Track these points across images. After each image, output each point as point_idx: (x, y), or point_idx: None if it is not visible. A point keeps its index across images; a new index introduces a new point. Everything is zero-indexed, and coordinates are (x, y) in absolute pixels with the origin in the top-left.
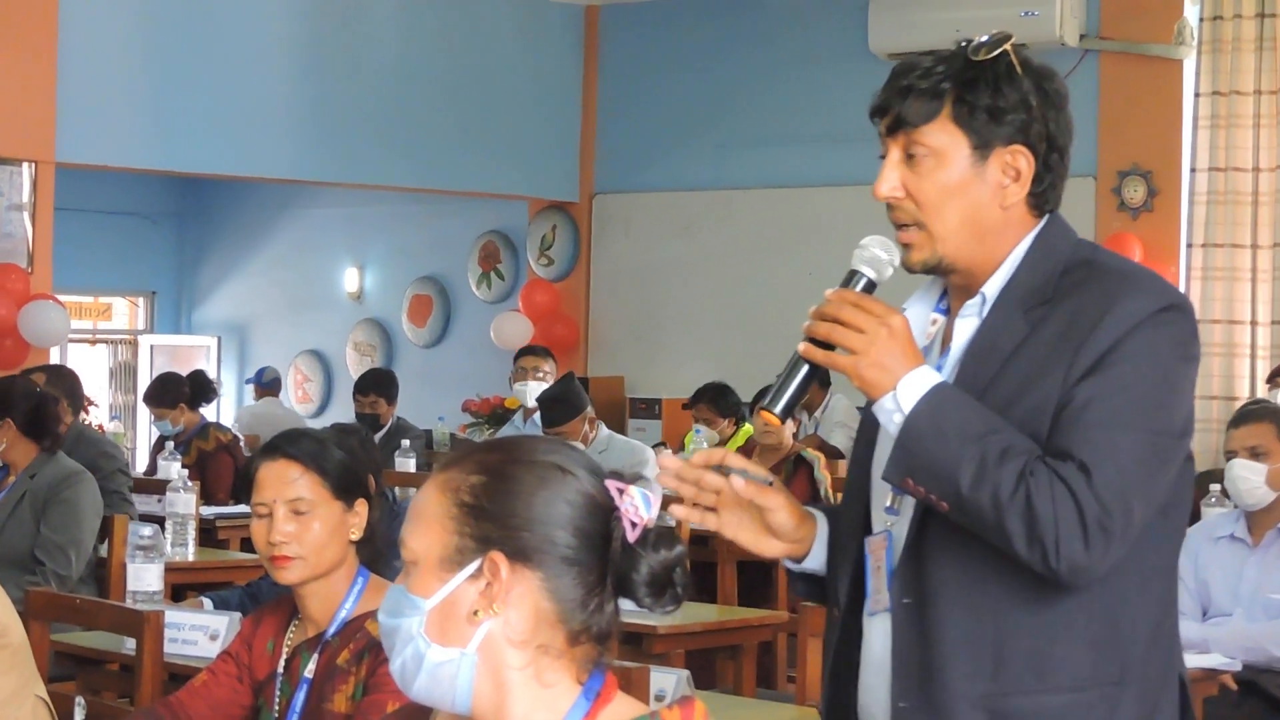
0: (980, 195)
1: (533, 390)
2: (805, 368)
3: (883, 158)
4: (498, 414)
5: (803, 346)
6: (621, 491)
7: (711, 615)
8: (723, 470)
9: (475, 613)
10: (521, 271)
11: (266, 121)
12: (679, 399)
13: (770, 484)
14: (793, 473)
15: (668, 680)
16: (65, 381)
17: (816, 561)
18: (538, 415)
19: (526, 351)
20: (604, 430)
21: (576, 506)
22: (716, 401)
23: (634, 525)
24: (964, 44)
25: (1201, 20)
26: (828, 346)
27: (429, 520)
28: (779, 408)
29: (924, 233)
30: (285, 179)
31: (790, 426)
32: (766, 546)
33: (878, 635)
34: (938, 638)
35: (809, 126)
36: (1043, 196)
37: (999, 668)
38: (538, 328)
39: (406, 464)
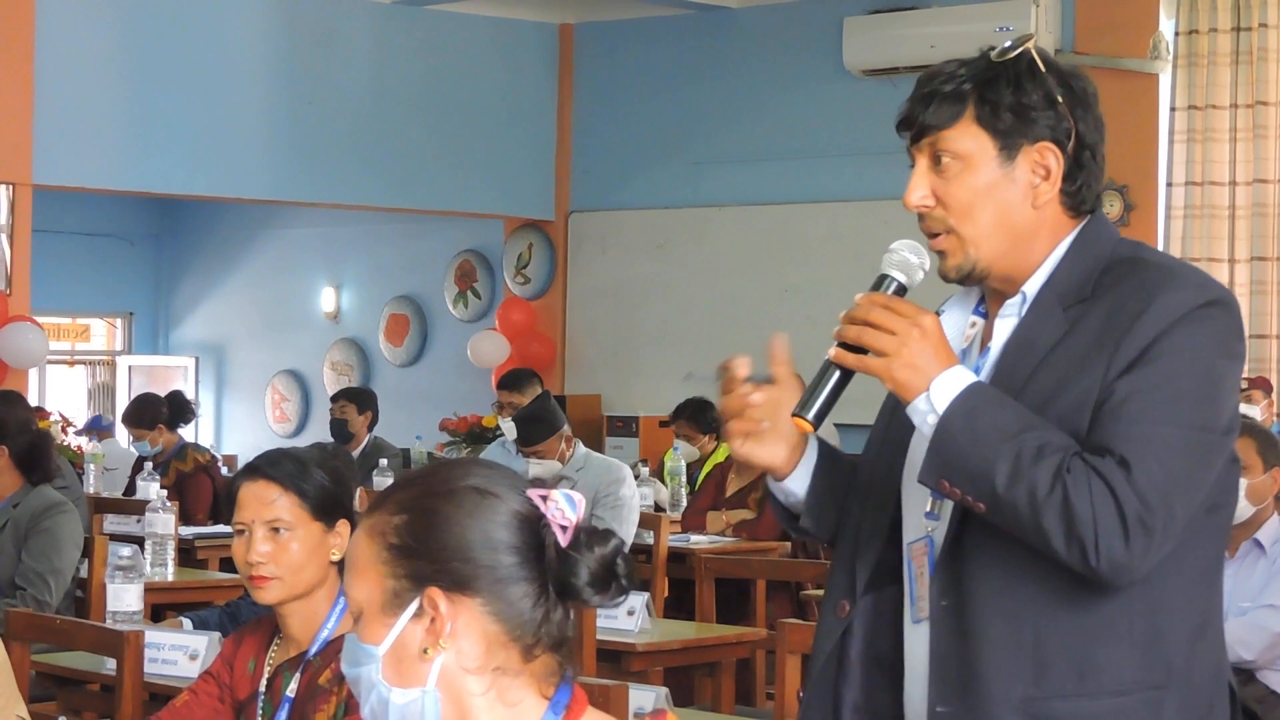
0: (1011, 196)
1: (509, 428)
2: (837, 373)
3: (912, 168)
4: (475, 432)
5: (833, 352)
6: (545, 498)
7: (690, 633)
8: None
9: (425, 650)
10: (498, 290)
11: (243, 142)
12: (656, 416)
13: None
14: (769, 489)
15: (646, 698)
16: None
17: (798, 484)
18: None
19: (502, 385)
20: (581, 448)
21: (502, 525)
22: (696, 417)
23: (564, 529)
24: (988, 49)
25: (1177, 34)
26: (860, 351)
27: (363, 568)
28: (811, 414)
29: (956, 239)
30: (261, 199)
31: None
32: (769, 451)
33: (920, 643)
34: (977, 641)
35: (784, 144)
36: (1077, 195)
37: (1040, 671)
38: (514, 346)
39: (384, 483)
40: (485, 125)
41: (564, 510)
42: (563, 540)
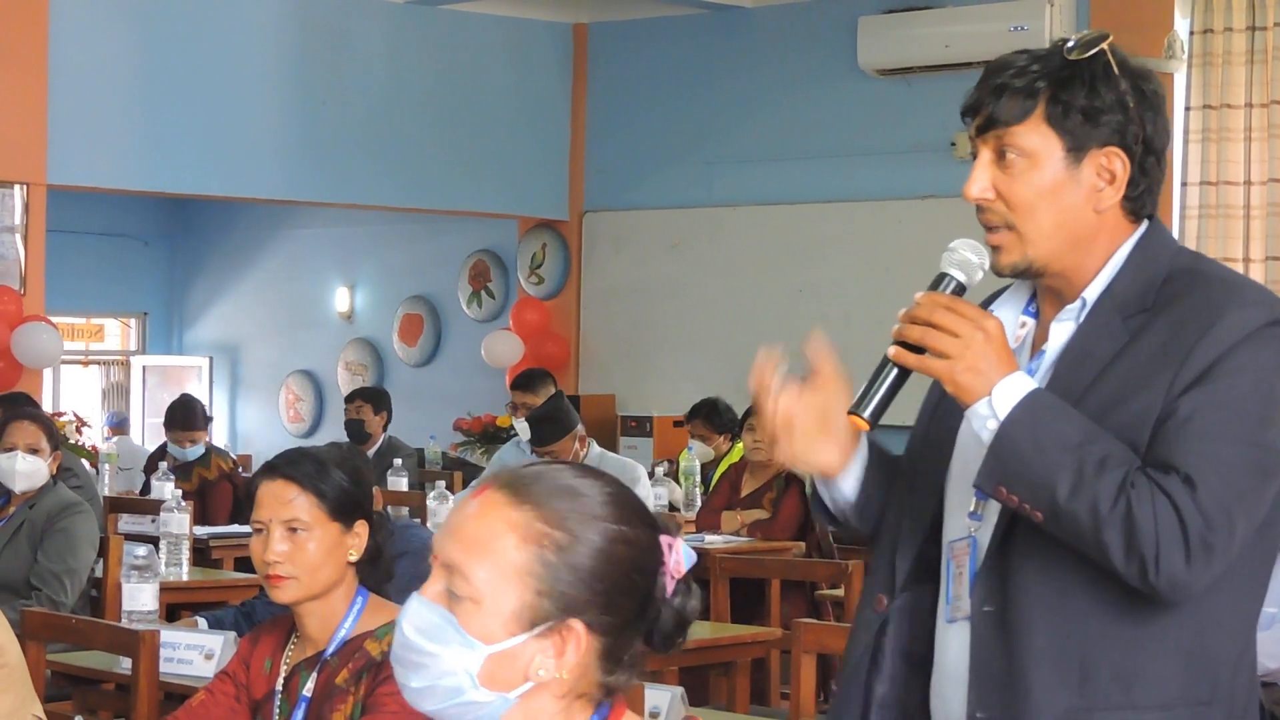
0: (1074, 198)
1: (523, 428)
2: (894, 372)
3: (973, 156)
4: (489, 432)
5: (893, 350)
6: (670, 546)
7: (705, 632)
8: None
9: (539, 671)
10: (512, 290)
11: (256, 142)
12: (670, 416)
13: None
14: (784, 490)
15: (662, 697)
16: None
17: (849, 483)
18: None
19: (515, 385)
20: (595, 448)
21: (644, 571)
22: (711, 417)
23: (672, 580)
24: (1061, 42)
25: (1192, 33)
26: (918, 350)
27: (508, 569)
28: (868, 412)
29: (1015, 235)
30: (275, 199)
31: None
32: (822, 454)
33: (955, 643)
34: (1021, 647)
35: (798, 143)
36: (1139, 201)
37: (1084, 681)
38: (528, 346)
39: (399, 483)
40: (499, 125)
41: (682, 562)
42: (669, 590)
